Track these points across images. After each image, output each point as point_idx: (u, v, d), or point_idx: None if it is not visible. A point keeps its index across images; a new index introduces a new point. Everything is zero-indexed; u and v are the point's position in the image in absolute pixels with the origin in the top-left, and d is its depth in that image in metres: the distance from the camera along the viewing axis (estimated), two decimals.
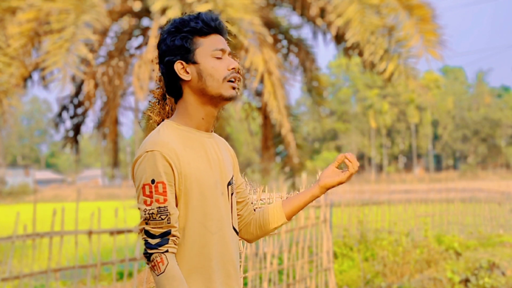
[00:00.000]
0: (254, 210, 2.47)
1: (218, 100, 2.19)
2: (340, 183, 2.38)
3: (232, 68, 2.19)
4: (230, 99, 2.20)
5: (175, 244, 2.07)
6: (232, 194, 2.29)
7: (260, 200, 3.44)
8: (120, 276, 9.02)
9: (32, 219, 6.56)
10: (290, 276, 6.86)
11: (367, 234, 10.85)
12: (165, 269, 2.02)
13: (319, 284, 7.41)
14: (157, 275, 2.03)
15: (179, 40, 2.17)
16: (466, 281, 8.04)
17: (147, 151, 2.10)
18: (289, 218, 2.43)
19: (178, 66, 2.18)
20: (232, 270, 2.23)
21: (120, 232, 7.01)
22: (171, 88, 2.23)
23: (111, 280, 8.79)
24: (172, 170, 2.09)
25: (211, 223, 2.16)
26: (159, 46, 2.23)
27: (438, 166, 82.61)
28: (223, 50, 2.20)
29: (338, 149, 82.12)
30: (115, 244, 6.86)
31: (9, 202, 44.34)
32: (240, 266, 3.33)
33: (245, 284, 6.20)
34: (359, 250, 10.03)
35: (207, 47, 2.18)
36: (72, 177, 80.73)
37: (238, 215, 2.43)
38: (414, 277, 8.41)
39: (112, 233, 6.95)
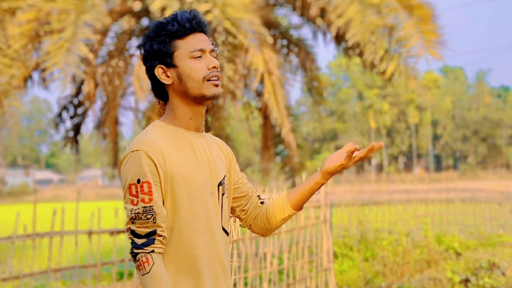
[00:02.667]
0: (262, 203, 2.43)
1: (201, 100, 2.20)
2: (343, 167, 2.25)
3: (213, 67, 2.18)
4: (213, 97, 2.20)
5: (161, 244, 2.08)
6: (223, 194, 2.28)
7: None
8: (120, 276, 9.01)
9: (32, 219, 6.56)
10: (290, 276, 6.86)
11: (367, 234, 10.84)
12: (150, 269, 2.03)
13: (319, 284, 7.41)
14: (142, 275, 2.04)
15: (157, 45, 2.17)
16: (466, 281, 8.05)
17: (132, 151, 2.11)
18: (295, 208, 2.34)
19: (158, 71, 2.19)
20: (221, 270, 2.23)
21: (120, 232, 7.01)
22: (158, 91, 2.25)
23: (111, 280, 8.79)
24: (157, 169, 2.09)
25: (200, 223, 2.15)
26: (141, 51, 2.24)
27: (438, 166, 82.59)
28: (202, 50, 2.18)
29: (338, 149, 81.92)
30: (115, 244, 6.86)
31: (9, 202, 44.33)
32: (239, 266, 3.32)
33: (245, 284, 6.21)
34: (359, 250, 10.03)
35: (185, 49, 2.17)
36: (71, 177, 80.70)
37: (243, 210, 2.41)
38: (414, 277, 8.41)
39: (112, 233, 6.96)
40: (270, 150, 12.21)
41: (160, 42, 2.17)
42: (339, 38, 11.64)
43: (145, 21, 11.48)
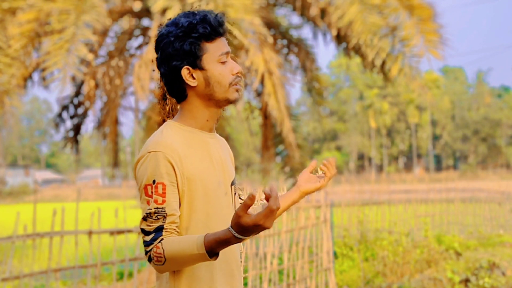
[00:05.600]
0: None
1: (224, 103, 2.22)
2: (320, 188, 2.44)
3: (236, 73, 2.20)
4: (234, 101, 2.22)
5: (170, 233, 2.06)
6: (235, 193, 2.30)
7: (260, 200, 3.43)
8: (120, 276, 9.02)
9: (32, 219, 6.56)
10: (290, 276, 6.86)
11: (367, 234, 10.85)
12: (164, 252, 2.01)
13: (319, 284, 7.41)
14: (163, 264, 2.03)
15: (187, 45, 2.14)
16: (466, 281, 8.04)
17: (149, 152, 2.10)
18: None
19: (185, 72, 2.16)
20: (236, 270, 2.25)
21: (120, 232, 7.01)
22: (174, 90, 2.22)
23: (111, 280, 8.79)
24: (174, 171, 2.10)
25: (214, 223, 2.17)
26: (163, 48, 2.18)
27: (438, 166, 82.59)
28: (227, 54, 2.20)
29: (338, 149, 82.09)
30: (115, 244, 6.86)
31: (9, 202, 44.34)
32: (240, 266, 3.32)
33: (245, 284, 6.21)
34: (359, 250, 10.04)
35: (213, 53, 2.17)
36: (71, 177, 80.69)
37: None
38: (414, 277, 8.41)
39: (112, 233, 6.95)
40: (270, 150, 12.21)
41: (190, 43, 2.14)
42: (340, 38, 11.64)
43: (145, 21, 11.48)
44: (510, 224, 14.17)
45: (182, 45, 2.15)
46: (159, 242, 2.03)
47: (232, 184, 2.29)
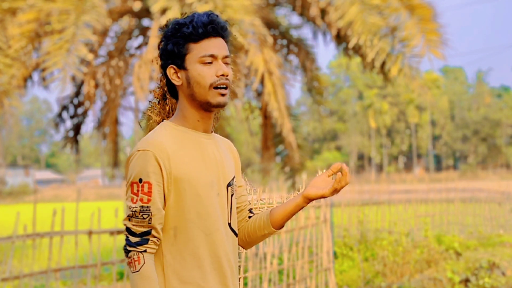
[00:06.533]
0: (250, 217, 2.44)
1: (207, 107, 2.21)
2: (323, 196, 2.30)
3: (221, 75, 2.19)
4: (217, 106, 2.20)
5: (155, 244, 2.11)
6: (232, 195, 2.28)
7: (260, 200, 3.43)
8: (120, 276, 9.02)
9: (32, 219, 6.56)
10: (290, 276, 6.86)
11: (367, 234, 10.85)
12: (140, 269, 2.07)
13: (319, 284, 7.41)
14: (132, 272, 2.08)
15: (171, 46, 2.19)
16: (466, 281, 8.05)
17: (139, 150, 2.13)
18: (276, 227, 2.37)
19: (170, 71, 2.21)
20: (229, 270, 2.23)
21: (120, 232, 7.01)
22: (170, 90, 2.28)
23: (111, 280, 8.79)
24: (161, 170, 2.11)
25: (205, 224, 2.16)
26: (157, 48, 2.27)
27: (438, 166, 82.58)
28: (213, 56, 2.19)
29: (338, 149, 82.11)
30: (115, 244, 6.86)
31: (9, 202, 44.33)
32: (240, 266, 3.32)
33: (245, 284, 6.21)
34: (359, 250, 10.04)
35: (196, 53, 2.18)
36: (71, 177, 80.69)
37: None
38: (414, 277, 8.41)
39: (112, 233, 6.96)
40: (270, 150, 12.22)
41: (174, 43, 2.19)
42: (340, 38, 11.65)
43: (145, 21, 11.49)
44: (510, 224, 14.16)
45: (168, 45, 2.20)
46: (142, 252, 2.08)
47: (229, 185, 2.27)
